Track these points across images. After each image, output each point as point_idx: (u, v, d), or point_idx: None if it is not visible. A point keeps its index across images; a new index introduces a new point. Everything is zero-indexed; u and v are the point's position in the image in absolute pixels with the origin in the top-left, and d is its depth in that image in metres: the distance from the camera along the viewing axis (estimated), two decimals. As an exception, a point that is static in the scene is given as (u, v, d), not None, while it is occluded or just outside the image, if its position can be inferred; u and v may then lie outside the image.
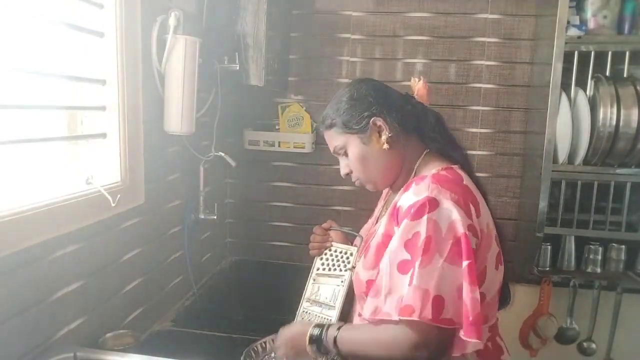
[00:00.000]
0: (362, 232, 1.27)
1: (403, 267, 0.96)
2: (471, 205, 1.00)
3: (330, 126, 1.13)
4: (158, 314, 1.57)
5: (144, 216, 1.44)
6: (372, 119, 1.08)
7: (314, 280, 1.23)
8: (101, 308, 1.26)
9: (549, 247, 1.88)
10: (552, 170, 1.73)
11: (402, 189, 1.10)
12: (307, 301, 1.22)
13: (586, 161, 1.74)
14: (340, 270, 1.21)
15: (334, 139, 1.14)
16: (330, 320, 1.17)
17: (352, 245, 1.26)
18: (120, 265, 1.34)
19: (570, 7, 1.67)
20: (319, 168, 2.14)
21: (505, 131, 2.00)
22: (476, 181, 1.12)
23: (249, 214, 2.22)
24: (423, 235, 0.94)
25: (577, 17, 1.73)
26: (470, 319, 0.91)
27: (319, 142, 2.09)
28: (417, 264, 0.93)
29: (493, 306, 1.08)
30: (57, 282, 1.10)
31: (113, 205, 1.18)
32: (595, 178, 1.74)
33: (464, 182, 1.05)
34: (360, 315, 1.11)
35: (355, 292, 1.15)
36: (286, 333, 1.11)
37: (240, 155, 1.99)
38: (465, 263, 0.93)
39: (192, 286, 1.78)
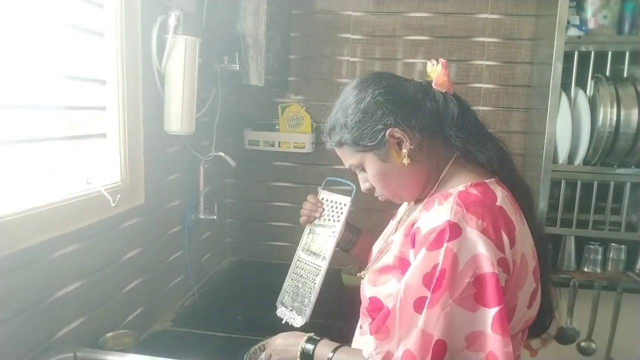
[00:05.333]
0: (383, 236, 1.17)
1: (421, 305, 0.82)
2: (504, 234, 0.82)
3: (340, 144, 0.98)
4: (158, 314, 1.57)
5: (144, 216, 1.44)
6: (388, 131, 0.91)
7: (310, 230, 1.27)
8: (101, 308, 1.26)
9: (549, 247, 1.88)
10: (552, 170, 1.73)
11: (422, 204, 0.96)
12: (302, 250, 1.27)
13: (586, 161, 1.74)
14: (333, 220, 1.23)
15: (348, 157, 0.99)
16: (319, 269, 1.21)
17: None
18: (120, 265, 1.34)
19: (570, 7, 1.67)
20: (319, 168, 2.14)
21: (505, 131, 2.00)
22: (521, 189, 0.97)
23: (249, 214, 2.22)
24: (439, 268, 0.80)
25: (577, 17, 1.73)
26: None
27: (319, 142, 2.09)
28: (426, 302, 0.81)
29: (515, 344, 0.91)
30: (57, 282, 1.10)
31: (113, 205, 1.18)
32: (595, 178, 1.74)
33: (498, 203, 0.87)
34: (361, 327, 1.05)
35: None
36: (279, 342, 1.07)
37: (240, 155, 1.99)
38: (494, 310, 0.78)
39: (192, 286, 1.78)
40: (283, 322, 1.23)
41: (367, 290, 0.98)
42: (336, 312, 1.42)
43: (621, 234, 1.78)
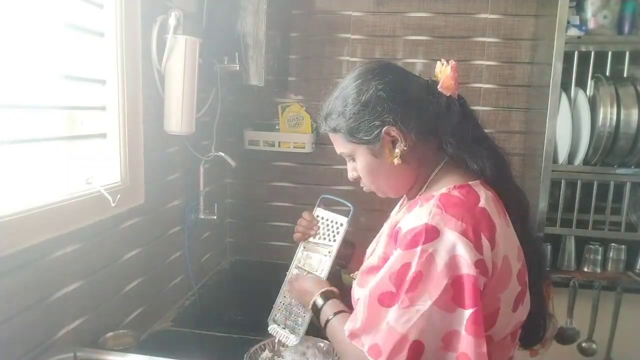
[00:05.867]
0: (376, 238, 1.17)
1: (385, 299, 0.83)
2: (483, 237, 0.82)
3: (335, 131, 0.97)
4: (158, 314, 1.57)
5: (144, 216, 1.44)
6: (385, 128, 0.90)
7: (304, 247, 1.23)
8: (101, 308, 1.26)
9: (549, 247, 1.88)
10: (552, 170, 1.73)
11: (406, 206, 0.97)
12: (295, 268, 1.23)
13: (586, 161, 1.74)
14: (329, 240, 1.20)
15: (340, 145, 0.99)
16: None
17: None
18: (120, 265, 1.34)
19: (570, 7, 1.67)
20: (319, 168, 2.14)
21: (505, 131, 2.00)
22: (515, 195, 0.96)
23: (249, 214, 2.22)
24: (413, 269, 0.80)
25: (577, 17, 1.73)
26: None
27: (319, 142, 2.09)
28: (398, 302, 0.80)
29: (504, 347, 0.91)
30: (57, 282, 1.10)
31: (113, 205, 1.18)
32: (595, 178, 1.74)
33: (480, 204, 0.86)
34: None
35: None
36: (300, 284, 1.13)
37: (240, 155, 1.99)
38: (469, 311, 0.78)
39: (192, 286, 1.78)
40: (276, 340, 1.20)
41: (356, 292, 0.99)
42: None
43: (621, 234, 1.78)
